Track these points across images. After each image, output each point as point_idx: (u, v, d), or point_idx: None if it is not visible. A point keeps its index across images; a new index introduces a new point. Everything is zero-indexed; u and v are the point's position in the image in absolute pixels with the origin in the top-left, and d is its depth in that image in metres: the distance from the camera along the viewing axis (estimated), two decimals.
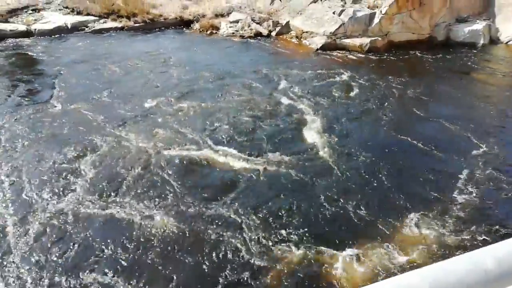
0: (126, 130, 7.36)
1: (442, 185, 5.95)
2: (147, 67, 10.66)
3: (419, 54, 12.10)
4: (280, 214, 5.33)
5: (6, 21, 13.31)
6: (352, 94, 9.26)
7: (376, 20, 12.48)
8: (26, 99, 8.61)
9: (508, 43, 12.73)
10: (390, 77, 10.25)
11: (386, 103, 8.81)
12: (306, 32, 13.13)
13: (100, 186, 5.82)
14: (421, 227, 5.09)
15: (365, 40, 12.25)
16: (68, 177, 5.98)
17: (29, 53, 11.48)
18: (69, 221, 5.13)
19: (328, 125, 7.73)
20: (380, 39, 12.39)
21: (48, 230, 5.00)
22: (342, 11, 12.81)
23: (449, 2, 13.02)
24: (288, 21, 13.79)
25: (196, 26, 14.60)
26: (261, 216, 5.26)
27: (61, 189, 5.72)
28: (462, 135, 7.45)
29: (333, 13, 12.94)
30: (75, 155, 6.53)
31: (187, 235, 4.97)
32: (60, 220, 5.14)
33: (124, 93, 8.93)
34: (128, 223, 5.15)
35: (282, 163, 6.44)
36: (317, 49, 12.31)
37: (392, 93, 9.36)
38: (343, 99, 8.97)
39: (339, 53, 12.12)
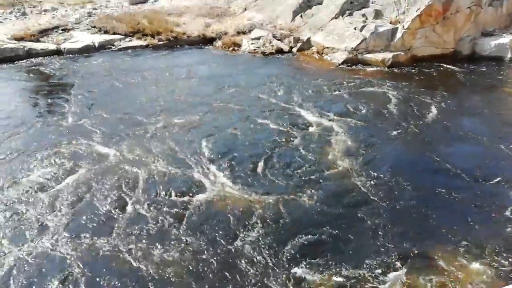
0: (124, 149, 7.26)
1: (489, 215, 5.58)
2: (163, 83, 10.88)
3: (444, 69, 11.87)
4: (309, 250, 4.91)
5: (38, 41, 13.90)
6: (377, 110, 9.00)
7: (398, 35, 12.37)
8: (42, 113, 9.03)
9: None
10: (416, 92, 10.04)
11: (417, 120, 8.45)
12: (328, 47, 13.13)
13: (83, 219, 5.49)
14: (468, 259, 4.82)
15: (388, 55, 12.13)
16: (45, 206, 5.76)
17: (56, 71, 11.93)
18: (42, 263, 4.80)
19: (355, 145, 7.35)
20: (402, 53, 12.25)
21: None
22: (363, 26, 12.77)
23: (473, 16, 12.79)
24: (309, 37, 13.84)
25: (218, 43, 14.84)
26: (287, 255, 4.84)
27: (37, 221, 5.49)
28: (505, 155, 7.01)
29: (355, 28, 12.91)
30: (62, 173, 6.53)
31: (204, 276, 4.59)
32: (33, 262, 4.81)
33: (132, 109, 9.11)
34: (123, 261, 4.80)
35: (304, 192, 5.96)
36: (339, 65, 12.26)
37: (421, 108, 9.05)
38: (368, 116, 8.70)
39: (361, 68, 12.04)
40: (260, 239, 5.11)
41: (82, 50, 13.81)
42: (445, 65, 12.04)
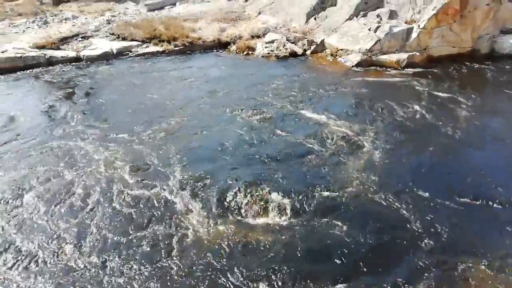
0: (112, 158, 7.23)
1: None
2: (171, 88, 11.02)
3: (463, 69, 11.58)
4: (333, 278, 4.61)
5: (58, 48, 14.35)
6: (399, 114, 8.68)
7: (414, 35, 12.19)
8: (47, 117, 9.33)
9: None
10: (437, 94, 9.78)
11: (445, 124, 8.07)
12: (341, 49, 13.04)
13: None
14: (499, 272, 4.67)
15: (402, 56, 11.96)
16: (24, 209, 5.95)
17: (69, 78, 12.21)
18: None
19: (380, 156, 6.91)
20: (418, 54, 12.05)
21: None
22: (378, 27, 12.64)
23: (492, 13, 12.46)
24: (323, 39, 13.79)
25: (233, 47, 14.95)
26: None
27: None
28: None
29: (369, 29, 12.79)
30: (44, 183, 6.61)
31: None
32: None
33: (133, 115, 9.14)
34: None
35: (324, 217, 5.50)
36: (353, 66, 12.16)
37: (446, 112, 8.72)
38: (391, 121, 8.35)
39: (375, 70, 11.89)
40: (271, 273, 4.71)
41: (101, 56, 14.15)
42: (463, 65, 11.75)
